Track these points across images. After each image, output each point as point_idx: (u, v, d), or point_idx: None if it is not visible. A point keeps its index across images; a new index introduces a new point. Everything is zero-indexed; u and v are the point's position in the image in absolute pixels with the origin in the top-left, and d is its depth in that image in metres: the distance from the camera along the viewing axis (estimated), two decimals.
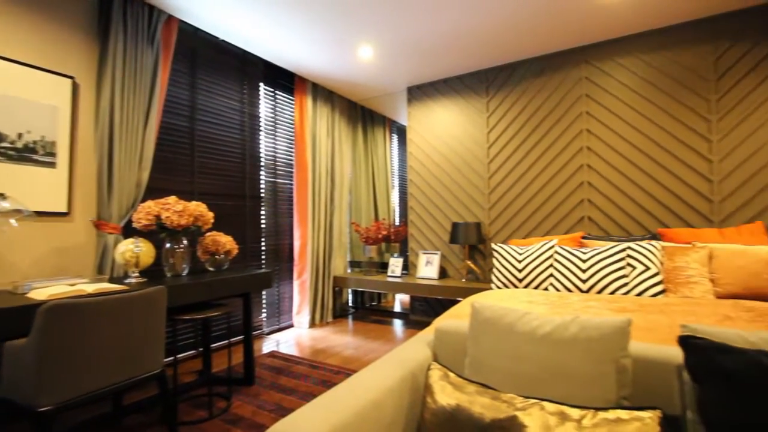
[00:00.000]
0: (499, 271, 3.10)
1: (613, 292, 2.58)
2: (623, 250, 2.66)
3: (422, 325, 4.17)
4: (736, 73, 2.90)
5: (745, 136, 2.87)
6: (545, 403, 0.90)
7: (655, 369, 1.08)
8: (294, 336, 3.79)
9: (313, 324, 4.14)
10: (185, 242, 2.46)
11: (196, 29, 3.15)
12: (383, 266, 4.77)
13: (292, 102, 4.15)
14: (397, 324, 4.26)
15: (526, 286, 2.97)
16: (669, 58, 3.12)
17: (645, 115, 3.20)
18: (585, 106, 3.43)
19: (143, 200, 2.60)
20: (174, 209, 2.27)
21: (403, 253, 5.46)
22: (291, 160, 4.15)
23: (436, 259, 4.10)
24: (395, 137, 6.12)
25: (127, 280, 2.17)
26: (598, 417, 0.85)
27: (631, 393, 1.05)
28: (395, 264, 4.37)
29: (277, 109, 3.99)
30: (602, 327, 0.99)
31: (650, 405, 1.02)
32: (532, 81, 3.69)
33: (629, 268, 2.62)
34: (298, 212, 4.07)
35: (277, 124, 3.98)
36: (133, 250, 2.17)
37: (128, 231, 2.59)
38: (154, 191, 2.83)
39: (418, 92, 4.37)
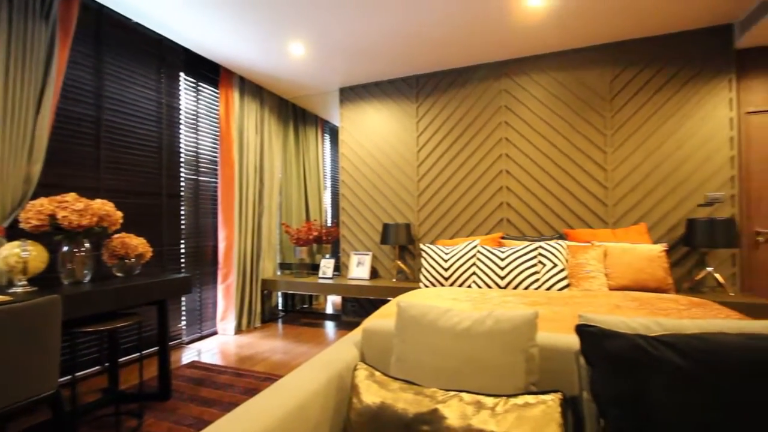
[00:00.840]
0: (427, 271, 3.23)
1: (527, 288, 2.82)
2: (535, 249, 2.93)
3: (354, 326, 4.18)
4: (626, 94, 3.35)
5: (632, 150, 3.33)
6: (464, 394, 0.96)
7: (558, 355, 1.20)
8: (218, 344, 3.57)
9: (239, 330, 3.93)
10: (87, 245, 2.19)
11: (102, 6, 2.83)
12: (314, 268, 4.70)
13: (217, 95, 3.91)
14: (329, 326, 4.22)
15: (452, 285, 3.12)
16: (575, 78, 3.50)
17: (554, 127, 3.55)
18: (504, 116, 3.71)
19: (34, 197, 2.27)
20: (73, 208, 2.01)
21: (335, 254, 5.43)
22: (216, 156, 3.90)
23: (367, 259, 4.14)
24: (327, 137, 6.07)
25: (12, 290, 1.88)
26: (509, 403, 0.93)
27: (538, 379, 1.15)
28: (327, 265, 4.33)
29: (200, 101, 3.72)
30: (513, 320, 1.08)
31: (554, 388, 1.14)
32: (458, 89, 3.90)
33: (540, 266, 2.89)
34: (223, 212, 3.84)
35: (199, 118, 3.72)
36: (20, 255, 1.88)
37: (15, 233, 2.23)
38: (49, 187, 2.47)
39: (351, 93, 4.38)
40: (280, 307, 4.85)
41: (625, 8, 2.85)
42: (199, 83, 3.72)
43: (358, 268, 4.15)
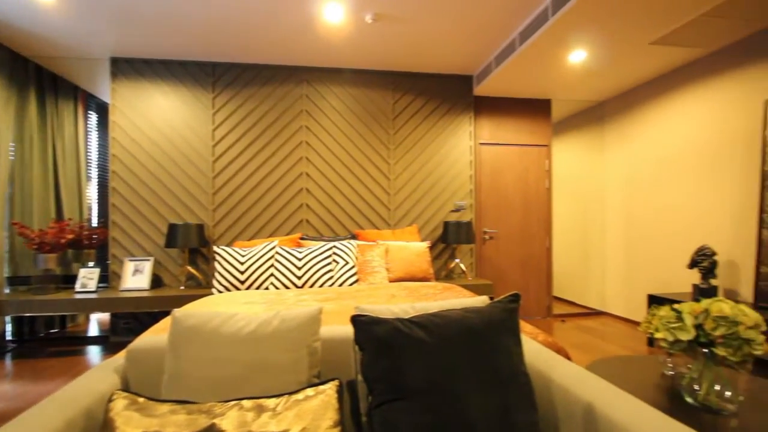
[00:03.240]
0: (221, 275, 3.00)
1: (322, 285, 2.99)
2: (331, 248, 3.14)
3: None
4: (405, 116, 4.00)
5: (408, 163, 3.99)
6: (245, 402, 0.93)
7: (342, 345, 1.32)
8: None
9: None
10: None
11: None
12: (69, 280, 3.68)
13: None
14: (93, 351, 3.38)
15: (248, 288, 3.00)
16: (366, 95, 3.94)
17: (349, 136, 3.90)
18: (305, 120, 3.83)
19: None
20: None
21: (102, 261, 4.39)
22: None
23: (147, 266, 3.53)
24: (94, 116, 4.85)
25: None
26: (290, 400, 0.96)
27: (321, 371, 1.24)
28: (88, 276, 3.45)
29: None
30: (298, 317, 1.12)
31: (333, 377, 1.24)
32: (260, 86, 3.79)
33: (334, 264, 3.12)
34: None
35: None
36: None
37: None
38: None
39: (128, 67, 3.65)
40: (9, 337, 3.57)
41: (402, 47, 3.40)
42: None
43: (135, 277, 3.49)
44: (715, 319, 1.15)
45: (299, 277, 2.97)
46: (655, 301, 3.31)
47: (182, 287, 3.54)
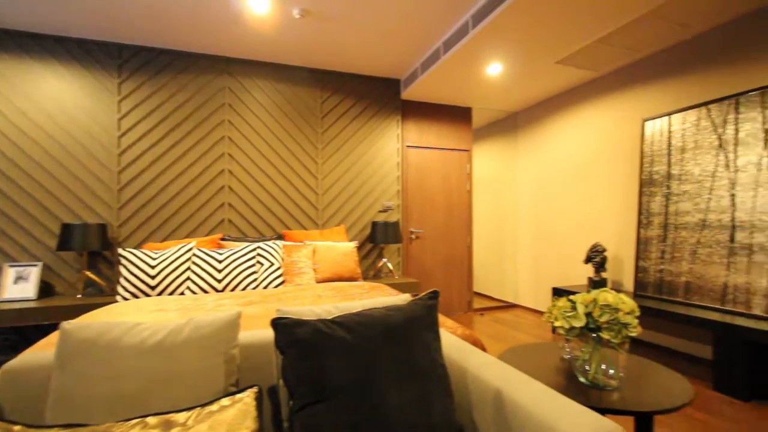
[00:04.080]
0: (128, 280, 2.71)
1: (245, 288, 2.85)
2: (255, 249, 3.01)
3: None
4: (333, 116, 3.97)
5: (337, 163, 3.97)
6: (150, 419, 0.86)
7: (263, 350, 1.27)
8: None
9: None
10: None
11: None
12: None
13: None
14: None
15: (160, 293, 2.75)
16: (294, 92, 3.84)
17: (275, 134, 3.77)
18: (228, 114, 3.62)
19: None
20: None
21: None
22: None
23: (34, 272, 3.05)
24: None
25: None
26: (203, 412, 0.90)
27: (241, 378, 1.18)
28: None
29: None
30: (214, 323, 1.06)
31: (252, 384, 1.19)
32: (176, 75, 3.49)
33: (259, 265, 2.99)
34: None
35: None
36: None
37: None
38: None
39: (7, 39, 3.12)
40: None
41: (331, 46, 3.38)
42: None
43: (17, 285, 3.00)
44: (601, 307, 1.32)
45: (219, 281, 2.80)
46: (558, 293, 3.70)
47: (79, 295, 3.12)
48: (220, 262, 2.85)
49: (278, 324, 1.02)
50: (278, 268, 3.02)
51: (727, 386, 2.42)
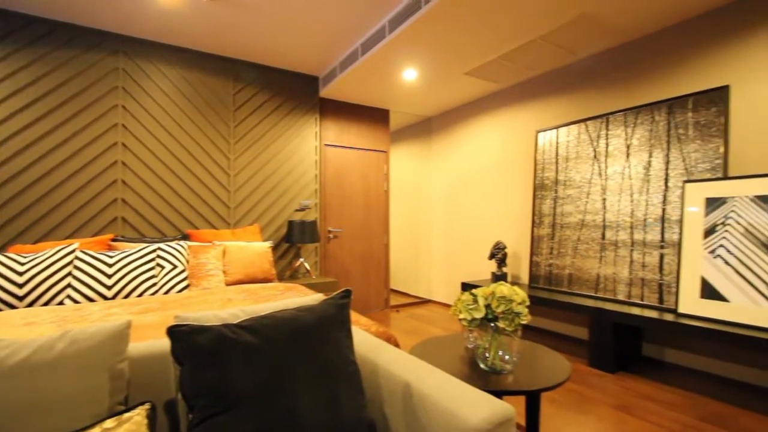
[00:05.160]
0: None
1: (141, 294, 2.56)
2: (154, 251, 2.72)
3: None
4: (247, 109, 3.77)
5: (251, 159, 3.78)
6: None
7: (160, 362, 1.16)
8: None
9: None
10: None
11: None
12: None
13: None
14: None
15: (31, 304, 2.34)
16: (202, 80, 3.55)
17: (181, 125, 3.45)
18: (122, 99, 3.22)
19: None
20: None
21: None
22: None
23: None
24: None
25: None
26: None
27: (132, 395, 1.06)
28: None
29: None
30: (96, 335, 0.94)
31: (144, 400, 1.08)
32: (55, 48, 3.00)
33: (159, 269, 2.72)
34: None
35: None
36: None
37: None
38: None
39: None
40: None
41: (244, 35, 3.20)
42: None
43: None
44: (498, 299, 1.46)
45: (109, 287, 2.47)
46: (466, 287, 3.99)
47: None
48: (110, 265, 2.52)
49: (175, 332, 0.94)
50: (182, 271, 2.77)
51: (599, 362, 2.84)
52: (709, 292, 2.45)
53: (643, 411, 2.22)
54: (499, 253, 3.84)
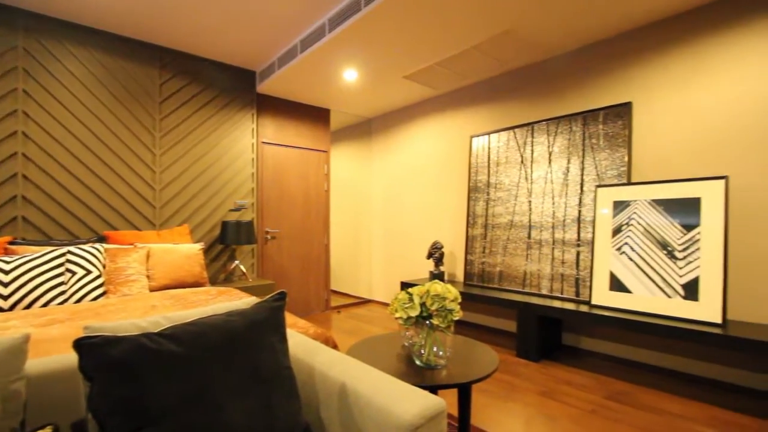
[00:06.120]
0: None
1: (46, 304, 2.27)
2: (62, 255, 2.43)
3: None
4: (175, 101, 3.51)
5: (180, 155, 3.53)
6: None
7: (66, 380, 1.04)
8: None
9: None
10: None
11: None
12: None
13: None
14: None
15: None
16: (122, 67, 3.24)
17: (96, 114, 3.12)
18: (22, 82, 2.84)
19: None
20: None
21: None
22: None
23: None
24: None
25: None
26: None
27: (28, 418, 0.95)
28: None
29: None
30: None
31: (51, 422, 0.97)
32: None
33: (68, 274, 2.43)
34: None
35: None
36: None
37: None
38: None
39: None
40: None
41: (172, 20, 2.98)
42: None
43: None
44: (432, 297, 1.51)
45: (6, 297, 2.17)
46: (405, 287, 4.08)
47: None
48: (6, 272, 2.20)
49: (83, 345, 0.85)
50: (97, 277, 2.51)
51: (525, 352, 3.06)
52: (616, 284, 2.75)
53: (562, 394, 2.43)
54: (436, 253, 3.98)
